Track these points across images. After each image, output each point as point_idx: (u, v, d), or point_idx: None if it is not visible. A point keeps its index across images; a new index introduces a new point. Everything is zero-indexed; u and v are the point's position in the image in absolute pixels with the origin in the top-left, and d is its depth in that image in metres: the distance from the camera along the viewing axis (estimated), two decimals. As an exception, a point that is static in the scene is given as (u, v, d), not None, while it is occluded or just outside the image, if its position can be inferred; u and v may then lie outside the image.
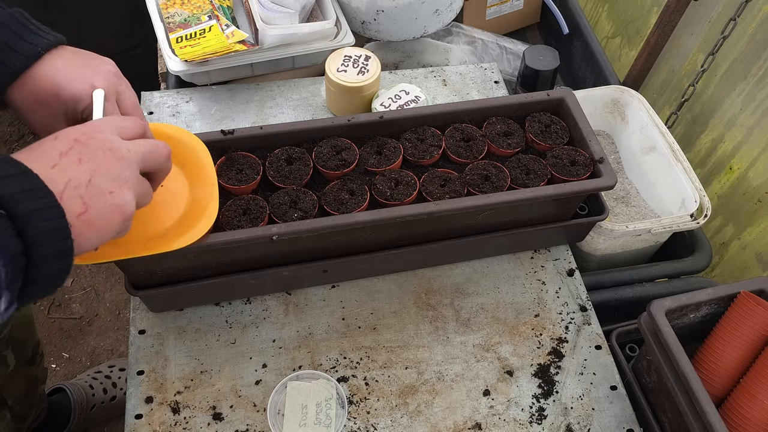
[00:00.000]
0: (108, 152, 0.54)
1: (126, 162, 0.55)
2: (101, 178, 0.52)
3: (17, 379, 1.10)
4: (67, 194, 0.50)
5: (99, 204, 0.52)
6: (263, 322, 0.89)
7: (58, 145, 0.52)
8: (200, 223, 0.71)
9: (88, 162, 0.52)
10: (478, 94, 1.14)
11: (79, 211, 0.50)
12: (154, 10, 1.09)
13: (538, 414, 0.84)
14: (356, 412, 0.83)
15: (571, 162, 0.87)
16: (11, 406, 1.08)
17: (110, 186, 0.53)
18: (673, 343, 0.74)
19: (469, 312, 0.92)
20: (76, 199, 0.51)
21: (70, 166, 0.51)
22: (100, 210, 0.52)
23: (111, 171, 0.54)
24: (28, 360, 1.12)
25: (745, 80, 1.19)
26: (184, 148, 0.77)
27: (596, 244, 1.06)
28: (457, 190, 0.84)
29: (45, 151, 0.52)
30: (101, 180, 0.52)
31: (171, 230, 0.70)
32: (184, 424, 0.81)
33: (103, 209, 0.52)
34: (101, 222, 0.52)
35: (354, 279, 0.94)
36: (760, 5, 1.12)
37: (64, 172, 0.51)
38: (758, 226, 1.21)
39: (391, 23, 1.16)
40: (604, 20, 1.65)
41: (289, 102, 1.10)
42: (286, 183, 0.83)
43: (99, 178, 0.52)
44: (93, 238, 0.52)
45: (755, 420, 0.75)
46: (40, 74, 0.64)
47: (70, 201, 0.50)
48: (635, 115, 1.19)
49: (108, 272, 1.69)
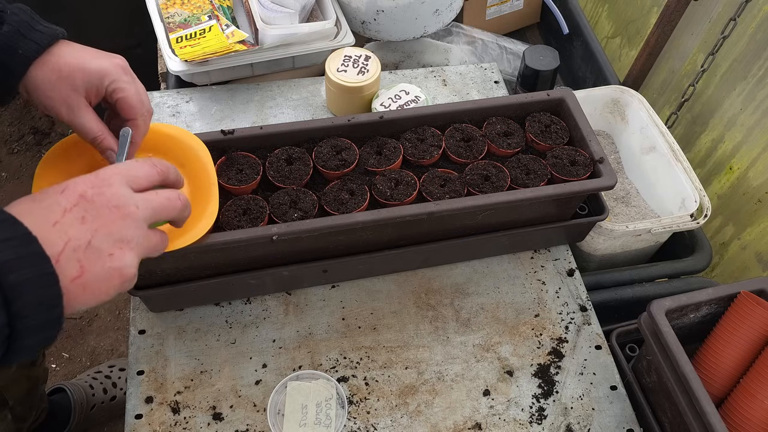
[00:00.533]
0: (114, 210, 0.52)
1: (132, 220, 0.53)
2: (102, 239, 0.50)
3: (19, 380, 1.10)
4: (65, 256, 0.48)
5: (96, 267, 0.50)
6: (263, 322, 0.89)
7: (63, 200, 0.50)
8: (200, 224, 0.71)
9: (91, 221, 0.50)
10: (478, 94, 1.14)
11: (74, 275, 0.49)
12: (154, 10, 1.09)
13: (538, 414, 0.84)
14: (356, 412, 0.83)
15: (571, 162, 0.87)
16: (12, 407, 1.08)
17: (111, 248, 0.51)
18: (673, 343, 0.74)
19: (469, 312, 0.92)
20: (73, 262, 0.49)
21: (71, 225, 0.49)
22: (97, 273, 0.50)
23: (114, 231, 0.51)
24: (30, 361, 1.12)
25: (745, 80, 1.19)
26: (184, 148, 0.77)
27: (596, 244, 1.06)
28: (457, 190, 0.84)
29: (49, 205, 0.50)
30: (102, 241, 0.50)
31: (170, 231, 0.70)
32: (184, 424, 0.81)
33: (100, 273, 0.50)
34: (97, 285, 0.50)
35: (354, 279, 0.94)
36: (760, 5, 1.12)
37: (64, 232, 0.49)
38: (758, 226, 1.21)
39: (391, 23, 1.16)
40: (604, 20, 1.65)
41: (289, 102, 1.10)
42: (286, 183, 0.83)
43: (100, 239, 0.50)
44: (87, 301, 0.50)
45: (755, 420, 0.75)
46: (63, 52, 0.65)
47: (67, 264, 0.48)
48: (635, 115, 1.19)
49: (108, 272, 1.69)
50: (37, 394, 1.18)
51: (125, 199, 0.53)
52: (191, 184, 0.75)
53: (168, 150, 0.77)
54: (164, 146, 0.77)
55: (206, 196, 0.74)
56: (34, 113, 1.97)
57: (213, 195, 0.74)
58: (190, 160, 0.76)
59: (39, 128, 1.94)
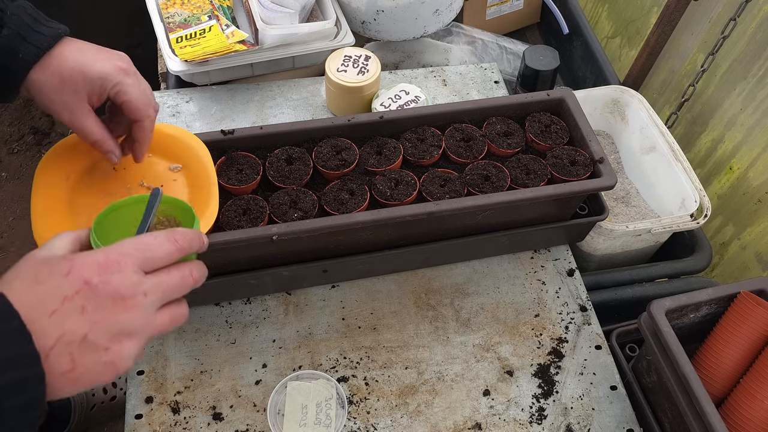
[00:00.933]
0: (119, 302, 0.48)
1: (138, 311, 0.49)
2: (100, 332, 0.47)
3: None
4: (57, 350, 0.46)
5: (89, 362, 0.47)
6: (263, 322, 0.89)
7: (65, 285, 0.47)
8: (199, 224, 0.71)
9: (92, 312, 0.47)
10: (478, 94, 1.14)
11: (65, 369, 0.46)
12: (154, 10, 1.09)
13: (538, 414, 0.84)
14: (356, 412, 0.83)
15: (571, 162, 0.87)
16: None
17: (108, 342, 0.48)
18: (673, 343, 0.74)
19: (469, 312, 0.92)
20: (65, 356, 0.46)
21: (69, 316, 0.46)
22: (89, 368, 0.47)
23: (114, 324, 0.48)
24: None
25: (745, 80, 1.19)
26: (184, 148, 0.77)
27: (596, 244, 1.06)
28: (457, 190, 0.84)
29: (50, 290, 0.47)
30: (99, 335, 0.47)
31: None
32: (184, 424, 0.81)
33: (92, 367, 0.47)
34: (87, 378, 0.47)
35: (354, 279, 0.94)
36: (760, 5, 1.12)
37: (60, 324, 0.46)
38: (758, 226, 1.21)
39: (391, 23, 1.16)
40: (604, 20, 1.65)
41: (289, 102, 1.10)
42: (286, 183, 0.83)
43: (97, 332, 0.47)
44: (74, 391, 0.48)
45: (755, 420, 0.75)
46: (65, 54, 0.64)
47: (58, 358, 0.46)
48: (635, 115, 1.19)
49: (108, 272, 1.69)
50: None
51: (133, 289, 0.49)
52: (191, 184, 0.75)
53: (168, 150, 0.77)
54: (164, 146, 0.77)
55: (206, 197, 0.74)
56: (34, 113, 1.97)
57: (213, 195, 0.74)
58: (190, 160, 0.76)
59: (39, 128, 1.94)
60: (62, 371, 0.46)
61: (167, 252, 0.52)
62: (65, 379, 0.46)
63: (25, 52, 0.63)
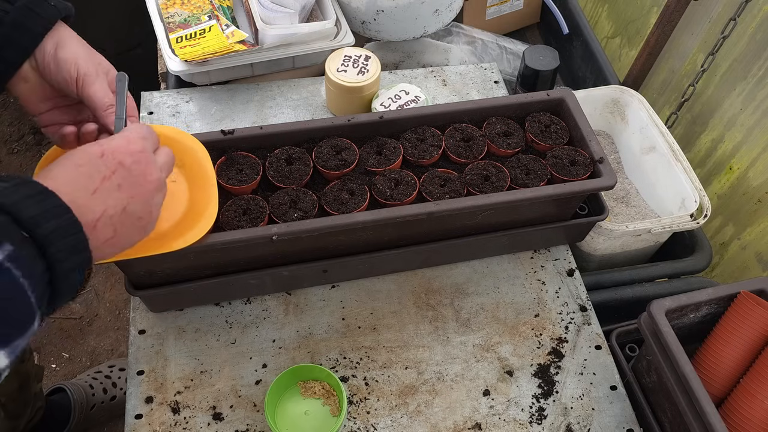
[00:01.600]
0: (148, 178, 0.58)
1: (160, 189, 0.59)
2: (135, 205, 0.56)
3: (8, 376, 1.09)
4: (102, 222, 0.53)
5: (127, 229, 0.56)
6: (263, 322, 0.89)
7: (102, 166, 0.54)
8: (199, 224, 0.71)
9: (127, 189, 0.55)
10: (478, 94, 1.14)
11: (108, 236, 0.54)
12: (154, 10, 1.09)
13: (538, 414, 0.84)
14: (356, 412, 0.83)
15: (571, 162, 0.87)
16: (4, 404, 1.07)
17: (141, 212, 0.57)
18: (673, 343, 0.74)
19: (469, 312, 0.92)
20: (109, 227, 0.54)
21: (110, 193, 0.54)
22: (126, 233, 0.56)
23: (146, 199, 0.57)
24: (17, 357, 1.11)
25: (745, 80, 1.19)
26: (184, 150, 0.77)
27: (596, 244, 1.06)
28: (457, 190, 0.84)
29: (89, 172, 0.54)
30: (135, 207, 0.56)
31: (170, 231, 0.70)
32: (184, 424, 0.81)
33: (129, 232, 0.56)
34: (124, 240, 0.56)
35: (354, 279, 0.94)
36: (760, 5, 1.12)
37: (103, 200, 0.53)
38: (758, 226, 1.21)
39: (391, 23, 1.16)
40: (604, 20, 1.65)
41: (289, 102, 1.10)
42: (286, 183, 0.83)
43: (133, 205, 0.56)
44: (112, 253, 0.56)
45: (755, 420, 0.75)
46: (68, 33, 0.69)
47: (104, 228, 0.53)
48: (635, 115, 1.19)
49: (108, 272, 1.69)
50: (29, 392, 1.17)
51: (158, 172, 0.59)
52: (190, 185, 0.75)
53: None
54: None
55: (206, 198, 0.74)
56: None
57: (212, 196, 0.74)
58: (189, 162, 0.76)
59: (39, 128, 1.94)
60: (106, 239, 0.54)
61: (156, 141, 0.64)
62: (108, 244, 0.54)
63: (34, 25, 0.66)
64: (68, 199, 0.50)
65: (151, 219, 0.58)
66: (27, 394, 1.16)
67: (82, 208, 0.51)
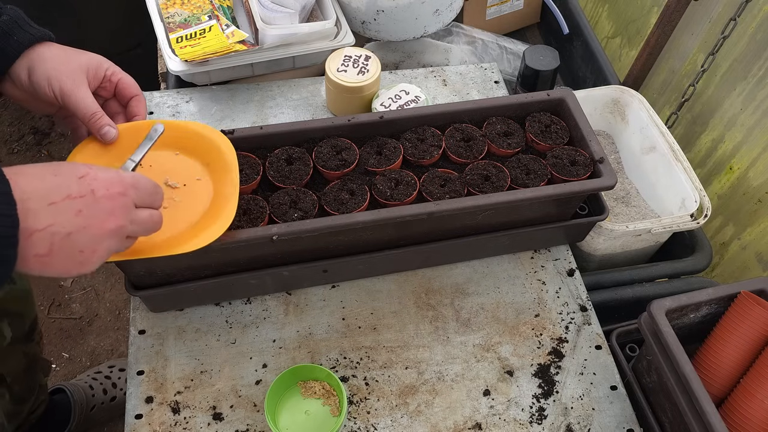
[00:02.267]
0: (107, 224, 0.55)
1: (119, 234, 0.57)
2: (83, 237, 0.54)
3: (15, 354, 1.08)
4: (41, 235, 0.51)
5: (63, 255, 0.53)
6: (263, 322, 0.89)
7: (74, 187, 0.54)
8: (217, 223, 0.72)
9: (85, 217, 0.54)
10: (478, 94, 1.14)
11: (40, 253, 0.52)
12: (154, 10, 1.09)
13: (538, 414, 0.84)
14: (356, 412, 0.83)
15: (571, 162, 0.87)
16: (10, 385, 1.07)
17: (85, 246, 0.54)
18: (673, 343, 0.74)
19: (469, 312, 0.92)
20: (46, 242, 0.52)
21: (64, 213, 0.52)
22: (60, 260, 0.53)
23: (97, 236, 0.55)
24: (24, 335, 1.11)
25: (745, 80, 1.19)
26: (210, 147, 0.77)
27: (596, 244, 1.06)
28: (457, 190, 0.84)
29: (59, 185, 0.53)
30: (81, 238, 0.54)
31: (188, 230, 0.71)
32: (184, 424, 0.81)
33: (63, 260, 0.53)
34: (55, 267, 0.54)
35: (354, 279, 0.94)
36: (760, 5, 1.12)
37: (54, 216, 0.52)
38: (758, 226, 1.21)
39: (391, 23, 1.16)
40: (604, 20, 1.65)
41: (289, 102, 1.10)
42: (286, 183, 0.83)
43: (81, 236, 0.53)
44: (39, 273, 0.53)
45: (755, 420, 0.75)
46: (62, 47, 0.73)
47: (40, 241, 0.51)
48: (635, 115, 1.19)
49: (108, 272, 1.69)
50: (36, 376, 1.17)
51: (125, 216, 0.57)
52: (214, 182, 0.75)
53: (194, 147, 0.77)
54: (190, 143, 0.77)
55: (226, 196, 0.74)
56: (34, 113, 1.98)
57: (233, 196, 0.74)
58: (215, 159, 0.76)
59: (39, 128, 1.95)
60: (37, 254, 0.52)
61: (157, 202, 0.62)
62: (37, 261, 0.52)
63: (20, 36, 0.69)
64: (21, 197, 0.50)
65: (92, 258, 0.55)
66: (33, 379, 1.16)
67: (29, 212, 0.50)
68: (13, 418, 1.11)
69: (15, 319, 1.08)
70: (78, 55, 0.73)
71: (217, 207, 0.73)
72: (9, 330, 1.06)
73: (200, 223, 0.72)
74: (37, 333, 1.16)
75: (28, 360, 1.13)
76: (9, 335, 1.06)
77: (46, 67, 0.70)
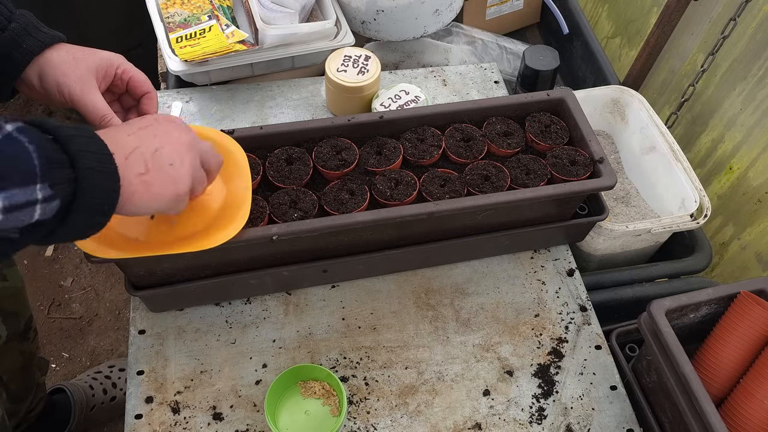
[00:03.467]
0: (180, 136, 0.63)
1: (192, 149, 0.63)
2: (167, 151, 0.60)
3: (11, 353, 1.08)
4: (134, 156, 0.57)
5: (158, 170, 0.59)
6: (263, 322, 0.89)
7: (139, 121, 0.62)
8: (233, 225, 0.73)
9: (161, 137, 0.61)
10: (478, 94, 1.14)
11: (140, 171, 0.58)
12: (154, 10, 1.09)
13: (538, 414, 0.84)
14: (356, 412, 0.83)
15: (571, 162, 0.87)
16: (6, 384, 1.07)
17: (172, 159, 0.61)
18: (673, 343, 0.74)
19: (469, 312, 0.92)
20: (140, 162, 0.58)
21: (144, 137, 0.60)
22: (158, 175, 0.59)
23: (177, 150, 0.61)
24: (20, 333, 1.11)
25: (745, 80, 1.19)
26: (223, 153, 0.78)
27: (596, 244, 1.06)
28: (457, 190, 0.84)
29: (128, 124, 0.61)
30: (166, 153, 0.60)
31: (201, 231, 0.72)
32: (184, 424, 0.81)
33: (160, 176, 0.59)
34: (156, 188, 0.59)
35: (354, 279, 0.94)
36: (760, 5, 1.12)
37: (137, 140, 0.59)
38: (758, 226, 1.21)
39: (391, 23, 1.16)
40: (604, 20, 1.65)
41: (289, 102, 1.10)
42: (286, 183, 0.83)
43: (165, 151, 0.60)
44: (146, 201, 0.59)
45: (755, 420, 0.75)
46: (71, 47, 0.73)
47: (135, 162, 0.57)
48: (635, 115, 1.19)
49: (108, 272, 1.69)
50: (33, 375, 1.17)
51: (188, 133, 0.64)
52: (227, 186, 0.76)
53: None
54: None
55: (240, 199, 0.75)
56: (34, 113, 1.97)
57: (247, 199, 0.75)
58: (228, 164, 0.77)
59: (39, 128, 1.94)
60: (138, 172, 0.58)
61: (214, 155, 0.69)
62: (140, 181, 0.58)
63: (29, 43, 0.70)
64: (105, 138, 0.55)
65: (182, 169, 0.61)
66: (30, 378, 1.16)
67: (117, 144, 0.56)
68: (11, 417, 1.11)
69: (9, 317, 1.07)
70: (88, 56, 0.73)
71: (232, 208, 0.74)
72: (4, 328, 1.06)
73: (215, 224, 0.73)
74: (33, 331, 1.16)
75: (25, 358, 1.13)
76: (4, 334, 1.06)
77: (55, 74, 0.71)
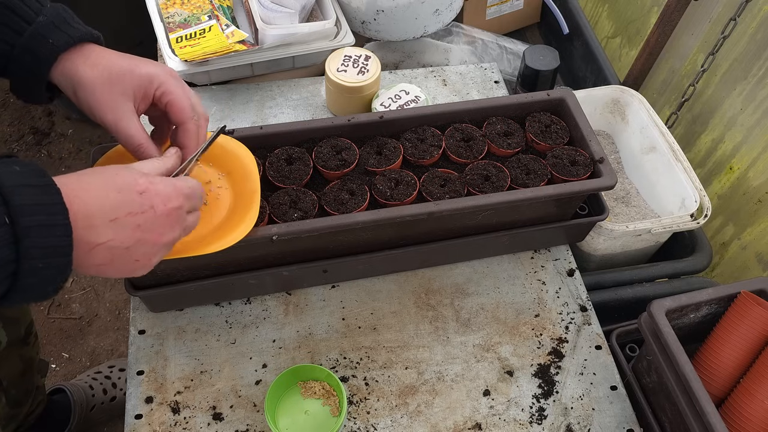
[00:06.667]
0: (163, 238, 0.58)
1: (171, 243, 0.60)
2: (140, 248, 0.56)
3: (11, 358, 1.08)
4: (102, 248, 0.53)
5: (120, 264, 0.56)
6: (263, 322, 0.89)
7: (135, 204, 0.55)
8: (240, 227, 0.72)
9: (142, 232, 0.56)
10: (478, 94, 1.14)
11: (100, 263, 0.54)
12: (154, 10, 1.09)
13: (538, 414, 0.84)
14: (356, 412, 0.83)
15: (571, 162, 0.87)
16: (6, 389, 1.07)
17: (141, 256, 0.57)
18: (673, 343, 0.74)
19: (469, 312, 0.92)
20: (106, 254, 0.54)
21: (125, 228, 0.54)
22: (117, 267, 0.56)
23: (152, 248, 0.57)
24: (21, 339, 1.10)
25: (745, 80, 1.19)
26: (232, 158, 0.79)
27: (596, 244, 1.06)
28: (457, 190, 0.84)
29: (121, 201, 0.54)
30: (138, 250, 0.56)
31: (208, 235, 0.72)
32: (184, 424, 0.81)
33: (120, 268, 0.56)
34: (112, 271, 0.56)
35: (354, 279, 0.94)
36: (760, 5, 1.12)
37: (115, 231, 0.54)
38: (758, 226, 1.21)
39: (391, 23, 1.16)
40: (604, 20, 1.65)
41: (289, 102, 1.10)
42: (286, 183, 0.83)
43: (138, 247, 0.56)
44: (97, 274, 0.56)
45: (755, 420, 0.75)
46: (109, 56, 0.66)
47: (100, 254, 0.53)
48: (635, 115, 1.19)
49: (108, 272, 1.69)
50: (33, 379, 1.17)
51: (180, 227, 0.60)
52: (235, 190, 0.76)
53: (216, 157, 0.78)
54: (212, 154, 0.78)
55: (248, 203, 0.75)
56: (34, 113, 1.97)
57: (255, 202, 0.75)
58: (236, 168, 0.78)
59: (39, 128, 1.94)
60: (97, 264, 0.54)
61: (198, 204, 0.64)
62: (97, 269, 0.55)
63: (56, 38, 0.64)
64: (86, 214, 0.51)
65: (147, 264, 0.58)
66: (29, 382, 1.15)
67: (91, 229, 0.52)
68: (10, 421, 1.11)
69: (10, 323, 1.07)
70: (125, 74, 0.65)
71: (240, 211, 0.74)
72: (4, 334, 1.05)
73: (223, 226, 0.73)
74: (33, 336, 1.16)
75: (25, 364, 1.13)
76: (4, 340, 1.05)
77: (87, 97, 0.65)
